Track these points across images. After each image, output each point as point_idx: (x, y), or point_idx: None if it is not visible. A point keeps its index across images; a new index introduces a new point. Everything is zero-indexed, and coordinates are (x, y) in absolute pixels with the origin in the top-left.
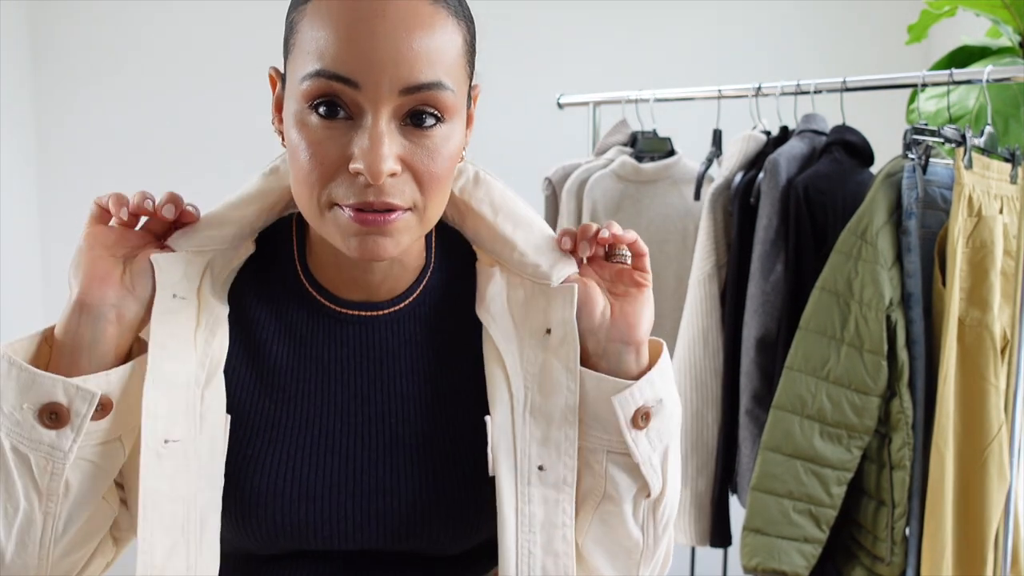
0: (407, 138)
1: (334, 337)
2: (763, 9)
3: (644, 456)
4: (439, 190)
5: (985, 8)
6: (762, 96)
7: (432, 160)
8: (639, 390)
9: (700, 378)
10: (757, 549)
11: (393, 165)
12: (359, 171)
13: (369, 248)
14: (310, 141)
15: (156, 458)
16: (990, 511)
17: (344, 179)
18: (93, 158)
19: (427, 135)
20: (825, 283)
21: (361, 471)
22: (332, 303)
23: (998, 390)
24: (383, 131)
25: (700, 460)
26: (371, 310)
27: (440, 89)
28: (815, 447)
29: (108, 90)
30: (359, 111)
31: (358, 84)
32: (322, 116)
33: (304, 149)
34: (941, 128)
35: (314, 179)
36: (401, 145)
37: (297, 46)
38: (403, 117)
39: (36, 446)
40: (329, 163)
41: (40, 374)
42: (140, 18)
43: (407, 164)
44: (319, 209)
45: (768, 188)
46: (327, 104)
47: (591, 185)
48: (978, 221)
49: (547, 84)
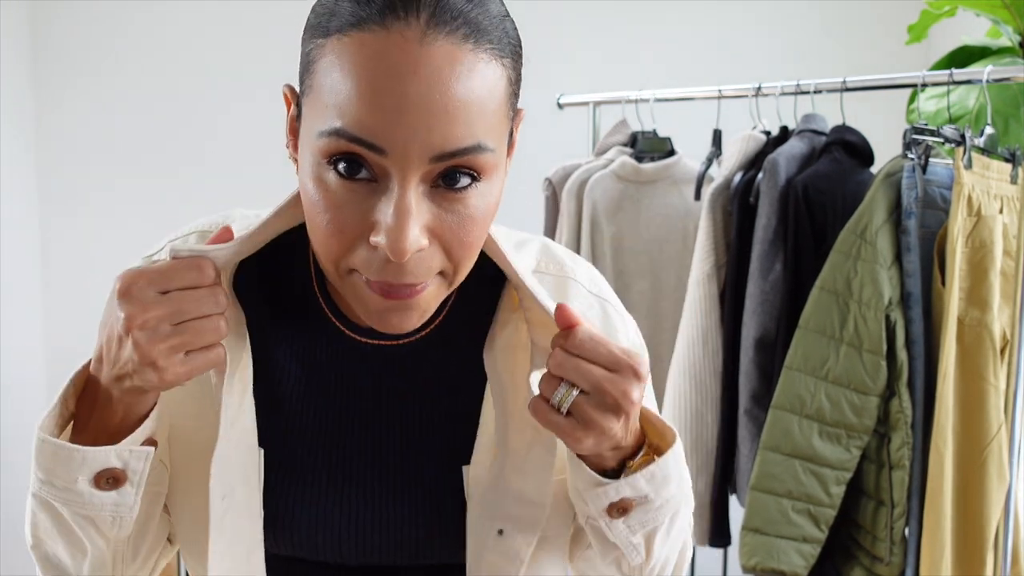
0: (437, 203)
1: (352, 365)
2: (763, 9)
3: (622, 539)
4: (470, 256)
5: (985, 8)
6: (762, 96)
7: (464, 228)
8: (614, 490)
9: (699, 378)
10: (756, 549)
11: (420, 241)
12: (381, 245)
13: (393, 323)
14: (328, 204)
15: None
16: (989, 511)
17: (365, 248)
18: (93, 158)
19: (460, 199)
20: (824, 283)
21: (380, 502)
22: (350, 330)
23: (997, 390)
24: (410, 203)
25: (699, 460)
26: (390, 339)
27: (479, 152)
28: (814, 447)
29: (108, 90)
30: (384, 174)
31: (384, 151)
32: (341, 175)
33: (322, 212)
34: (941, 128)
35: (333, 245)
36: (430, 212)
37: (314, 90)
38: (434, 179)
39: (100, 510)
40: (349, 230)
41: (90, 451)
42: (140, 18)
43: (436, 235)
44: (339, 274)
45: (767, 188)
46: (348, 162)
47: (591, 185)
48: (978, 221)
49: (547, 84)
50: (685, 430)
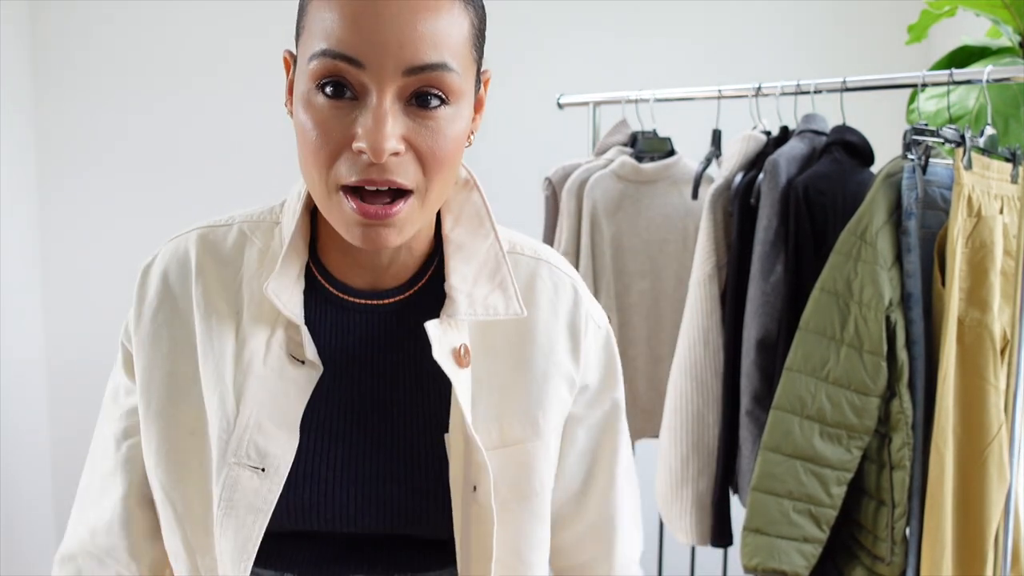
0: (411, 119)
1: (339, 325)
2: (763, 9)
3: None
4: (443, 171)
5: (985, 8)
6: (762, 96)
7: (435, 140)
8: None
9: (701, 378)
10: (757, 549)
11: (396, 144)
12: (362, 149)
13: (372, 238)
14: (316, 120)
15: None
16: (990, 511)
17: (348, 157)
18: (93, 158)
19: (431, 116)
20: (825, 284)
21: (363, 457)
22: (339, 291)
23: (998, 390)
24: (387, 110)
25: (701, 460)
26: (377, 299)
27: (445, 70)
28: (815, 447)
29: (108, 90)
30: (364, 91)
31: (363, 64)
32: (328, 96)
33: (311, 128)
34: (941, 128)
35: (320, 158)
36: (405, 125)
37: (306, 28)
38: (408, 98)
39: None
40: (334, 142)
41: None
42: (141, 18)
43: (411, 144)
44: (327, 191)
45: (768, 188)
46: (334, 84)
47: (591, 185)
48: (978, 221)
49: (547, 84)
50: (687, 431)
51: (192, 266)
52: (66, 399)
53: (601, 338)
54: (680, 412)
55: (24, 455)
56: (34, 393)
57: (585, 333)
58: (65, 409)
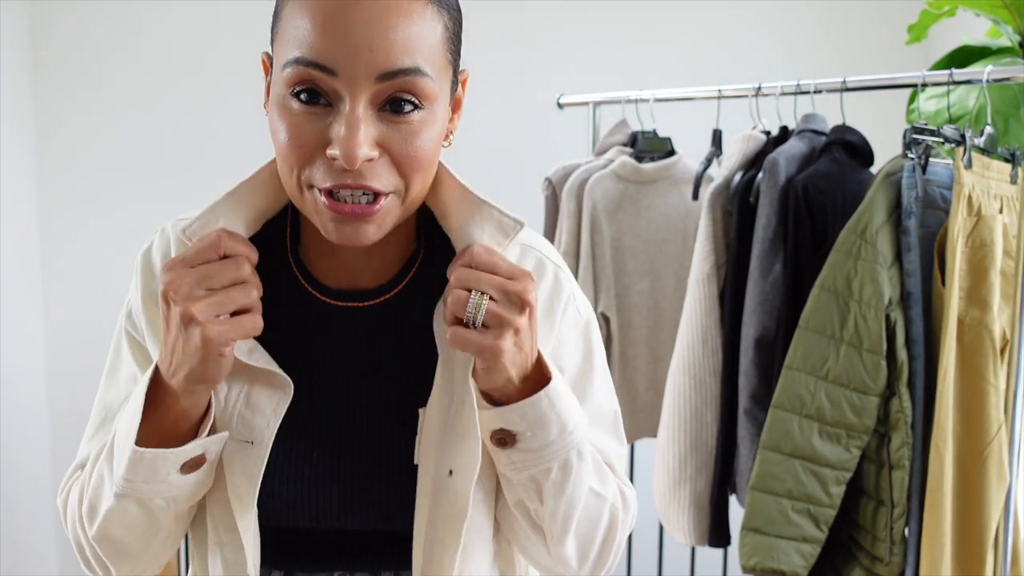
0: (385, 124)
1: (322, 328)
2: (763, 9)
3: (509, 472)
4: (420, 173)
5: (985, 8)
6: (762, 96)
7: (410, 145)
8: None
9: (699, 378)
10: (756, 549)
11: (369, 151)
12: (335, 157)
13: (348, 234)
14: (290, 124)
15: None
16: (989, 511)
17: (322, 163)
18: (93, 158)
19: (406, 120)
20: (824, 282)
21: (346, 456)
22: (321, 293)
23: (997, 390)
24: (359, 117)
25: (699, 460)
26: (359, 300)
27: (418, 75)
28: (814, 446)
29: (108, 90)
30: (337, 97)
31: (335, 71)
32: (303, 102)
33: (284, 132)
34: (941, 128)
35: (293, 161)
36: (379, 130)
37: (280, 34)
38: (381, 104)
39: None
40: (307, 147)
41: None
42: (141, 18)
43: (385, 148)
44: (299, 189)
45: (767, 188)
46: (308, 91)
47: (591, 185)
48: (978, 221)
49: (547, 84)
50: (685, 430)
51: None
52: (66, 398)
53: (581, 324)
54: (678, 411)
55: (24, 454)
56: (34, 392)
57: (563, 315)
58: (65, 407)
